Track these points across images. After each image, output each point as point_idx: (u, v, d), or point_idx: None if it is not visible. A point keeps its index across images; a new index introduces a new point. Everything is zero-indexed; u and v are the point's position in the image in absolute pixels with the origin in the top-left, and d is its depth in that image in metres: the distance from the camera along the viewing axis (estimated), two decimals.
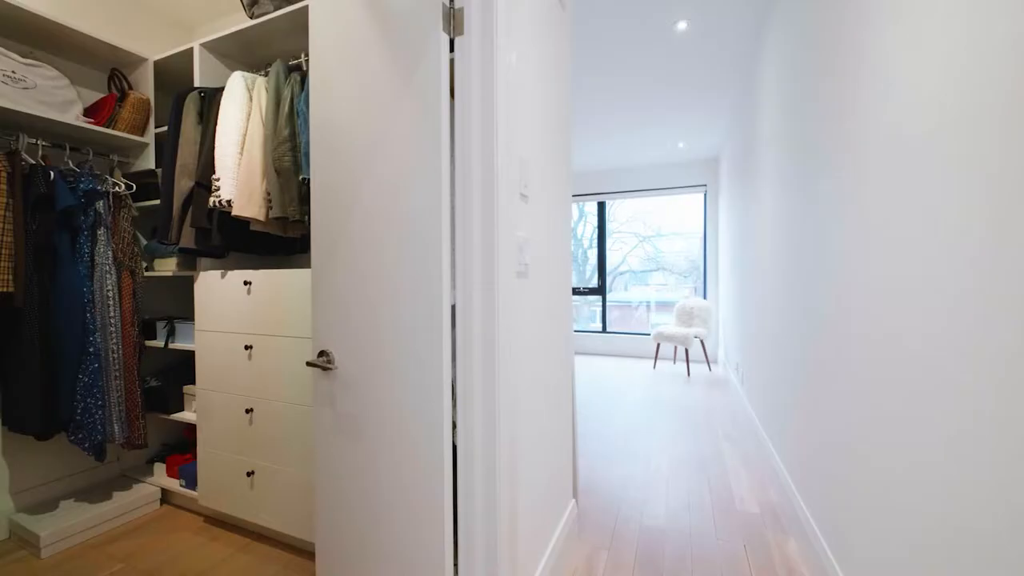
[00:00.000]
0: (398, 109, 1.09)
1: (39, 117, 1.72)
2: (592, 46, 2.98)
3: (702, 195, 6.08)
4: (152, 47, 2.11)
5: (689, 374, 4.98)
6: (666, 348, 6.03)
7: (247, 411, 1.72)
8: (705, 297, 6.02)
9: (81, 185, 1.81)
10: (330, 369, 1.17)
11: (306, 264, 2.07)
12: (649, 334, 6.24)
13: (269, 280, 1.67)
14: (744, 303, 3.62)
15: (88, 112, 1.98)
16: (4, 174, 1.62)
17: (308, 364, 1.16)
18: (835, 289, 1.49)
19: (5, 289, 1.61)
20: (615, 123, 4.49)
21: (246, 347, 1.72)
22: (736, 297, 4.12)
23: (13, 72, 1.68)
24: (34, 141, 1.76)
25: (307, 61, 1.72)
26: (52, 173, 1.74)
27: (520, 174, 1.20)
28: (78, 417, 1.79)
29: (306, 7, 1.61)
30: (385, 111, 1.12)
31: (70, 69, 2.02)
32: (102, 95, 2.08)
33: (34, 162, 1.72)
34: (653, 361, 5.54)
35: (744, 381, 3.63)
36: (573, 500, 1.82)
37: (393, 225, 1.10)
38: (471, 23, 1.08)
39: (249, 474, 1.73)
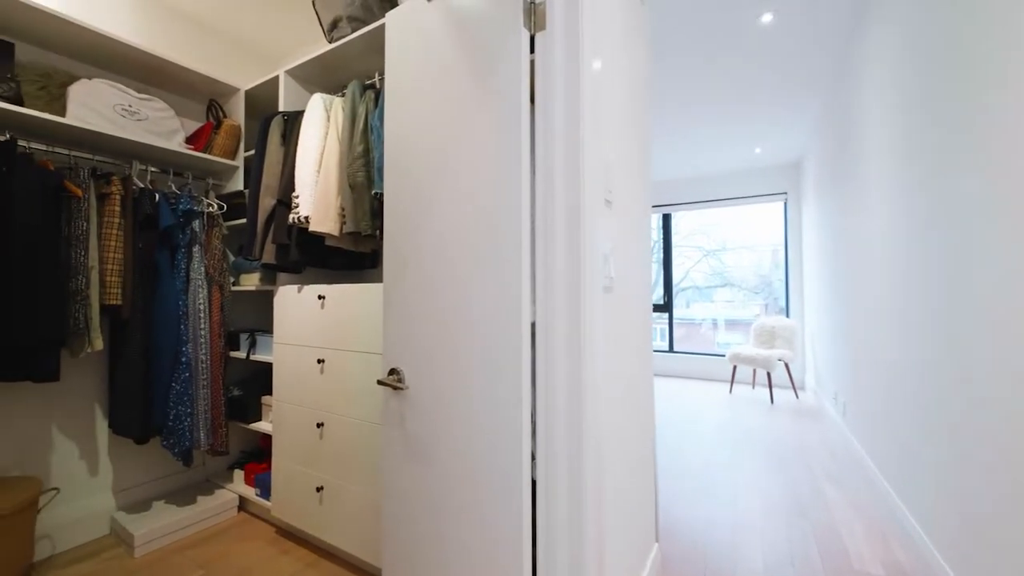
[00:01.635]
0: (474, 114, 1.03)
1: (149, 145, 1.89)
2: (662, 45, 2.82)
3: (781, 203, 5.58)
4: (244, 78, 2.28)
5: (772, 401, 4.48)
6: (743, 371, 5.52)
7: (318, 425, 1.73)
8: (787, 315, 5.46)
9: (180, 206, 1.96)
10: (400, 389, 1.11)
11: (376, 279, 2.08)
12: (720, 354, 5.76)
13: (342, 295, 1.68)
14: (844, 324, 3.19)
15: (189, 140, 2.16)
16: (118, 197, 1.78)
17: (379, 383, 1.11)
18: (995, 314, 1.20)
19: (115, 302, 1.76)
20: (684, 130, 4.26)
21: (318, 361, 1.73)
22: (831, 316, 3.65)
23: (130, 106, 1.86)
24: (144, 167, 1.94)
25: (381, 80, 1.74)
26: (157, 195, 1.90)
27: (605, 179, 1.09)
28: (170, 423, 1.89)
29: (381, 26, 1.64)
30: (461, 117, 1.06)
31: (174, 101, 2.22)
32: (200, 124, 2.26)
33: (143, 186, 1.89)
34: (729, 385, 5.07)
35: (846, 412, 3.17)
36: (656, 543, 1.62)
37: (467, 236, 1.03)
38: (553, 17, 1.00)
39: (318, 489, 1.72)
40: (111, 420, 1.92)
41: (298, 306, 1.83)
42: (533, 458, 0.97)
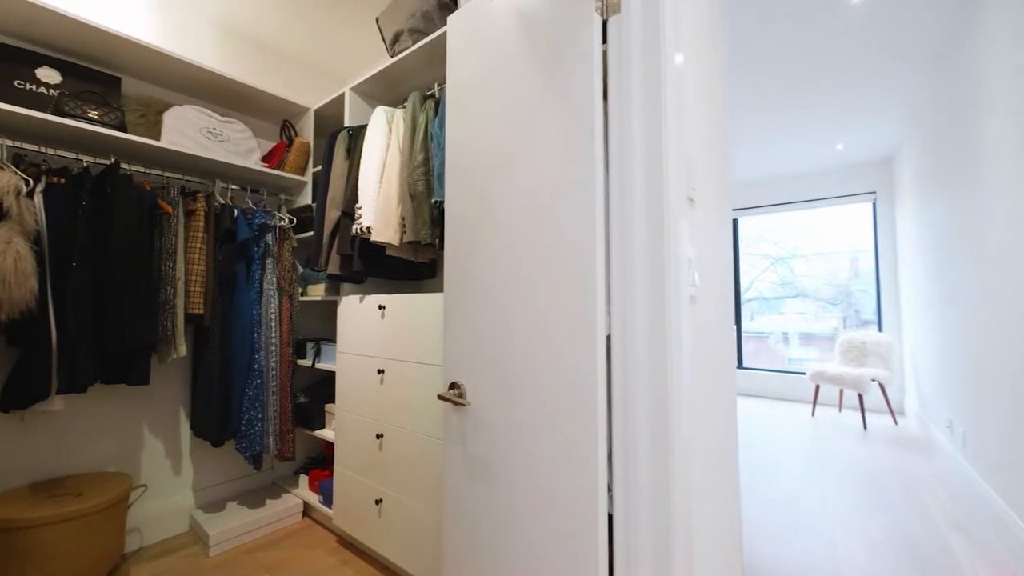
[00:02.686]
0: (540, 113, 0.96)
1: (230, 164, 2.02)
2: (734, 32, 2.62)
3: (868, 205, 5.01)
4: (313, 98, 2.40)
5: (865, 427, 3.96)
6: (827, 391, 4.95)
7: (377, 436, 1.72)
8: (880, 329, 4.85)
9: (256, 220, 2.07)
10: (462, 404, 1.04)
11: (435, 289, 2.07)
12: (797, 372, 5.22)
13: (402, 305, 1.67)
14: (961, 341, 2.74)
15: (264, 158, 2.30)
16: (202, 213, 1.90)
17: (440, 397, 1.05)
18: None
19: (197, 311, 1.87)
20: (755, 127, 3.95)
21: (379, 371, 1.73)
22: (942, 332, 3.17)
23: (214, 128, 2.01)
24: (225, 185, 2.07)
25: (440, 89, 1.74)
26: (236, 211, 2.01)
27: (688, 173, 0.97)
28: (243, 427, 1.98)
29: (441, 35, 1.64)
30: (525, 117, 0.99)
31: (251, 122, 2.38)
32: (275, 143, 2.40)
33: (224, 202, 2.01)
34: (811, 407, 4.57)
35: (966, 444, 2.70)
36: None
37: (534, 242, 0.95)
38: None
39: (377, 502, 1.70)
40: (192, 422, 2.04)
41: (359, 316, 1.85)
42: (609, 490, 0.86)
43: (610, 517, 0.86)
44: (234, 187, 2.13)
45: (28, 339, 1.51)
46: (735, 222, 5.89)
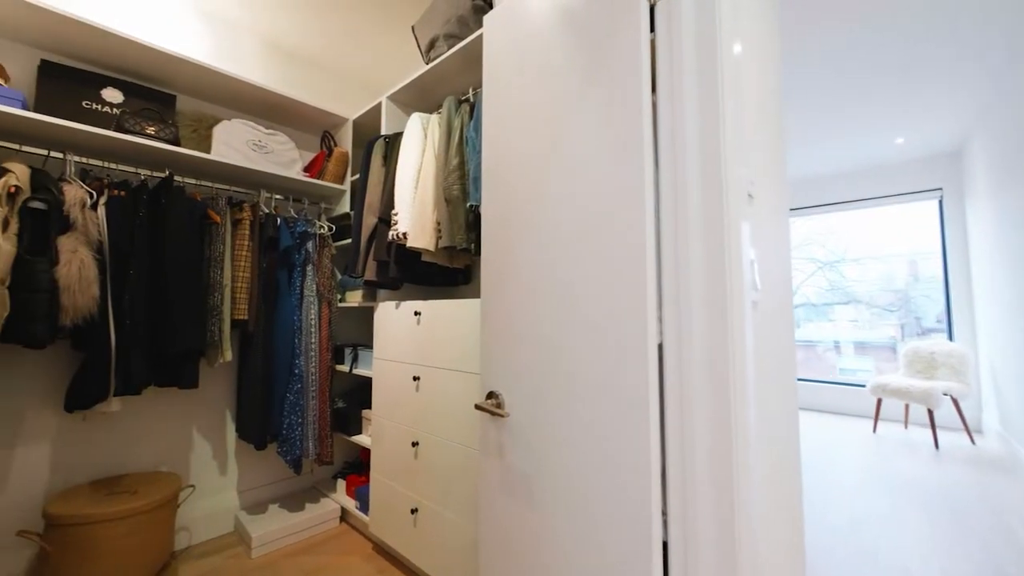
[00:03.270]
0: (581, 108, 0.91)
1: (274, 175, 2.08)
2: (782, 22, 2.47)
3: (934, 203, 4.61)
4: (352, 108, 2.45)
5: (937, 446, 3.60)
6: (890, 406, 4.56)
7: (413, 444, 1.70)
8: (950, 338, 4.42)
9: (297, 228, 2.13)
10: (500, 415, 0.99)
11: (469, 296, 2.04)
12: (855, 384, 4.84)
13: (437, 311, 1.65)
14: None
15: (305, 168, 2.36)
16: (248, 222, 1.97)
17: (477, 407, 1.01)
18: None
19: (242, 317, 1.92)
20: (801, 122, 3.72)
21: (414, 378, 1.71)
22: None
23: (259, 141, 2.08)
24: (269, 195, 2.14)
25: (475, 93, 1.72)
26: (279, 219, 2.07)
27: (747, 166, 0.89)
28: (284, 431, 2.01)
29: (477, 38, 1.62)
30: (566, 113, 0.94)
31: (293, 134, 2.45)
32: (315, 153, 2.47)
33: (268, 211, 2.08)
34: (872, 422, 4.22)
35: None
36: None
37: (577, 244, 0.89)
38: None
39: (413, 511, 1.67)
40: (237, 425, 2.10)
41: (395, 322, 1.84)
42: (664, 515, 0.78)
43: (665, 545, 0.78)
44: (278, 197, 2.20)
45: (89, 343, 1.60)
46: None
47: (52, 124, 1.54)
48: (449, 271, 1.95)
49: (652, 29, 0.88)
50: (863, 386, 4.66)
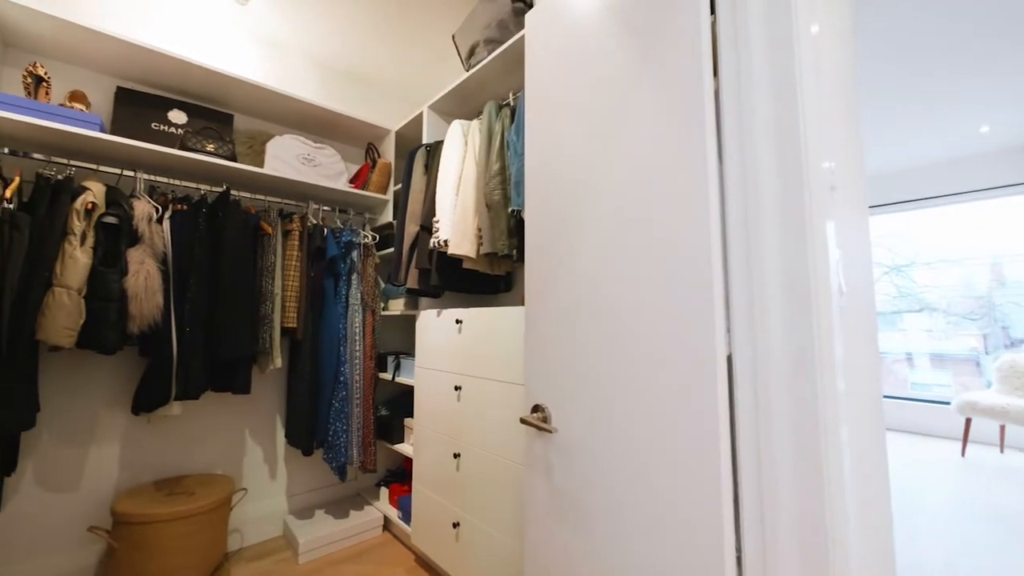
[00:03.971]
0: (633, 100, 0.84)
1: (322, 187, 2.15)
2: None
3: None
4: (394, 120, 2.50)
5: None
6: (982, 426, 4.04)
7: (455, 455, 1.66)
8: None
9: (343, 238, 2.17)
10: (546, 431, 0.93)
11: (511, 303, 2.00)
12: (938, 401, 4.35)
13: (479, 319, 1.61)
14: None
15: (351, 179, 2.42)
16: (297, 232, 2.03)
17: (522, 421, 0.95)
18: None
19: (291, 325, 1.98)
20: (876, 111, 3.42)
21: (455, 388, 1.68)
22: None
23: (308, 155, 2.15)
24: (316, 206, 2.21)
25: (516, 97, 1.69)
26: (325, 230, 2.13)
27: (829, 153, 0.78)
28: (329, 438, 2.04)
29: (517, 41, 1.59)
30: (614, 107, 0.88)
31: (340, 147, 2.52)
32: (359, 165, 2.53)
33: (315, 222, 2.14)
34: (960, 444, 3.76)
35: None
36: None
37: (629, 246, 0.82)
38: None
39: (455, 525, 1.63)
40: (287, 430, 2.16)
41: (437, 330, 1.83)
42: (739, 560, 0.69)
43: None
44: (325, 208, 2.27)
45: (154, 350, 1.69)
46: None
47: (125, 145, 1.66)
48: (490, 278, 1.91)
49: (712, 11, 0.80)
50: (945, 403, 4.17)
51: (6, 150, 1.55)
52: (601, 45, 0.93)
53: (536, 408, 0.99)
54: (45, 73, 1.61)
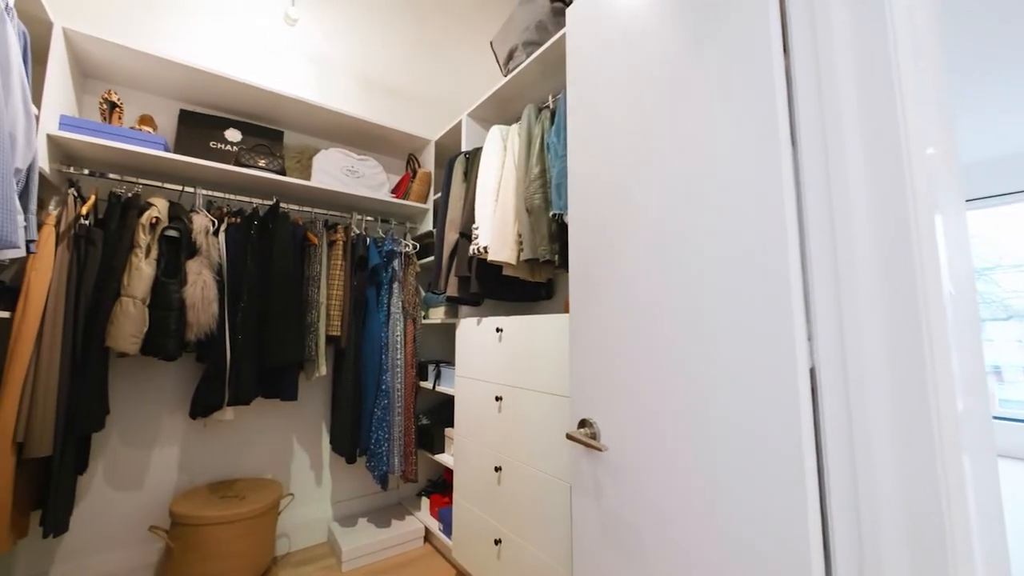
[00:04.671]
0: (687, 86, 0.77)
1: (365, 198, 2.19)
2: None
3: None
4: (434, 130, 2.52)
5: None
6: None
7: (496, 469, 1.60)
8: None
9: (385, 247, 2.20)
10: (595, 448, 0.85)
11: (552, 311, 1.93)
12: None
13: (520, 327, 1.56)
14: None
15: (392, 190, 2.46)
16: (341, 243, 2.08)
17: (568, 437, 0.88)
18: None
19: (336, 333, 2.01)
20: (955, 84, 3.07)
21: (496, 398, 1.63)
22: None
23: (352, 167, 2.21)
24: (360, 217, 2.25)
25: (555, 100, 1.64)
26: (368, 239, 2.16)
27: (934, 154, 0.67)
28: (372, 446, 2.05)
29: (556, 41, 1.55)
30: (667, 96, 0.81)
31: (382, 158, 2.58)
32: (400, 175, 2.57)
33: (359, 232, 2.18)
34: None
35: None
36: None
37: (687, 247, 0.74)
38: None
39: (496, 542, 1.57)
40: (331, 437, 2.19)
41: (477, 339, 1.79)
42: None
43: None
44: (368, 218, 2.31)
45: (209, 356, 1.76)
46: None
47: (187, 163, 1.76)
48: (531, 286, 1.86)
49: None
50: None
51: (86, 171, 1.68)
52: (649, 28, 0.86)
53: (583, 423, 0.91)
54: (118, 99, 1.74)
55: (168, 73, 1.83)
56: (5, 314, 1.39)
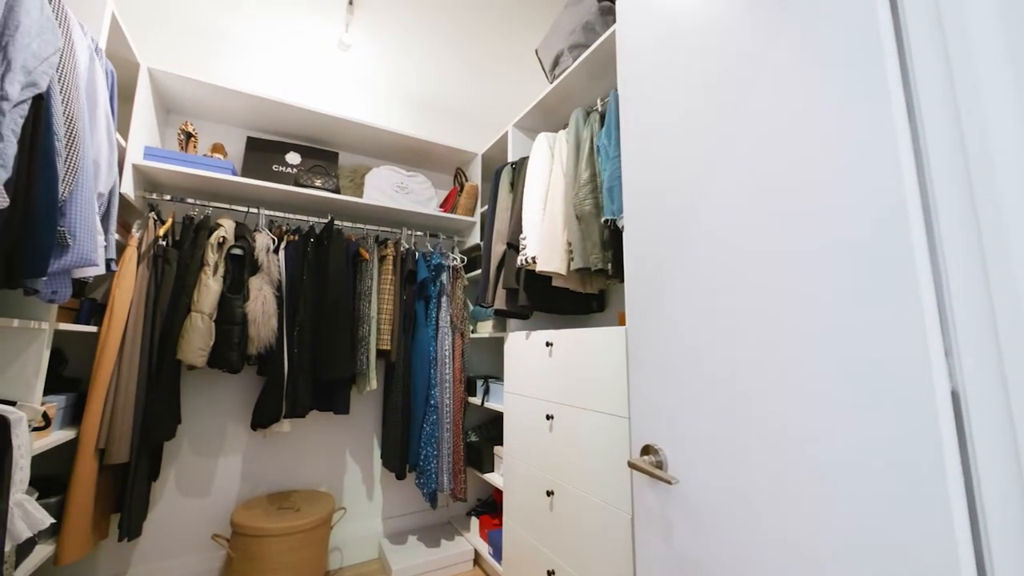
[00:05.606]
0: (766, 56, 0.66)
1: (414, 212, 2.22)
2: None
3: None
4: (480, 143, 2.53)
5: None
6: None
7: (548, 493, 1.50)
8: None
9: (433, 261, 2.20)
10: (662, 480, 0.74)
11: (605, 324, 1.82)
12: None
13: (571, 341, 1.47)
14: None
15: (440, 205, 2.48)
16: (391, 257, 2.10)
17: (631, 466, 0.78)
18: None
19: (386, 347, 2.02)
20: None
21: (547, 417, 1.53)
22: None
23: (402, 183, 2.25)
24: (409, 232, 2.28)
25: (604, 103, 1.56)
26: (417, 253, 2.18)
27: None
28: (421, 462, 2.02)
29: (606, 40, 1.48)
30: (740, 71, 0.71)
31: (430, 174, 2.61)
32: (448, 190, 2.58)
33: (408, 247, 2.20)
34: None
35: None
36: None
37: (776, 240, 0.63)
38: None
39: (550, 573, 1.45)
40: (382, 452, 2.19)
41: (526, 353, 1.72)
42: None
43: None
44: (417, 233, 2.33)
45: (269, 370, 1.82)
46: None
47: (252, 185, 1.87)
48: (582, 297, 1.76)
49: None
50: None
51: (167, 197, 1.83)
52: (714, 7, 0.77)
53: (647, 450, 0.80)
54: (193, 129, 1.89)
55: (237, 103, 1.97)
56: (93, 329, 1.52)
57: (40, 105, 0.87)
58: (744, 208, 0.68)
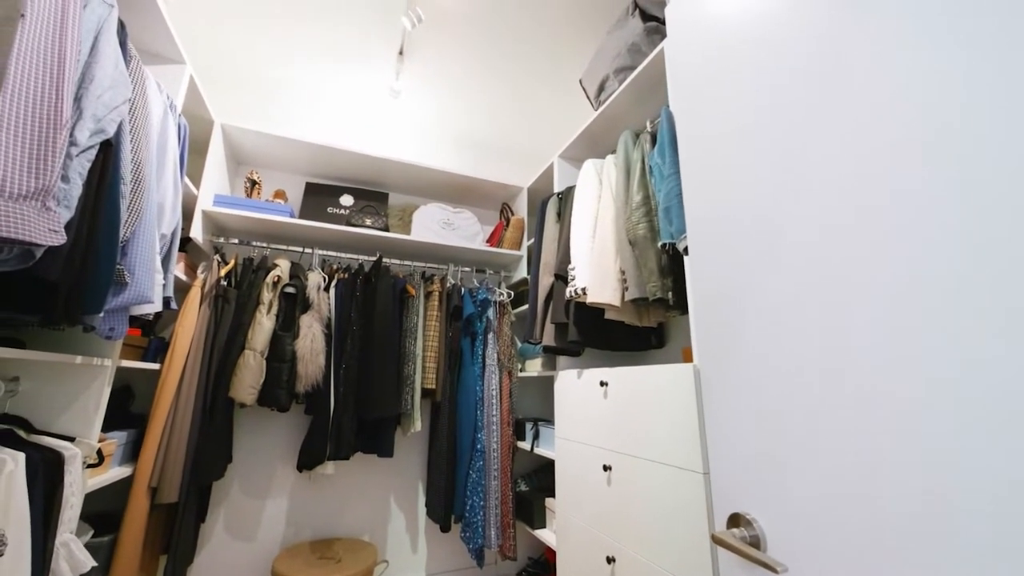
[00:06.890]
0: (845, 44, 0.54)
1: (460, 248, 2.20)
2: None
3: None
4: (526, 177, 2.50)
5: None
6: None
7: (608, 560, 1.29)
8: None
9: (479, 296, 2.14)
10: (765, 566, 0.57)
11: (664, 362, 1.63)
12: None
13: (628, 380, 1.31)
14: None
15: (487, 240, 2.45)
16: (437, 294, 2.07)
17: (715, 541, 0.61)
18: None
19: (431, 387, 1.95)
20: None
21: (604, 468, 1.35)
22: None
23: (448, 220, 2.25)
24: (456, 267, 2.25)
25: (654, 124, 1.47)
26: (463, 289, 2.13)
27: None
28: (466, 514, 1.87)
29: (654, 59, 1.41)
30: (825, 54, 0.59)
31: (476, 210, 2.60)
32: (493, 225, 2.56)
33: (454, 282, 2.17)
34: None
35: None
36: None
37: (889, 247, 0.48)
38: None
39: None
40: (426, 500, 2.07)
41: (578, 394, 1.56)
42: None
43: None
44: (464, 269, 2.30)
45: (315, 409, 1.80)
46: None
47: (309, 227, 1.94)
48: (639, 332, 1.60)
49: None
50: None
51: (235, 240, 1.93)
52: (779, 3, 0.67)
53: (736, 520, 0.63)
54: (258, 177, 2.02)
55: (297, 151, 2.10)
56: (156, 366, 1.58)
57: (109, 151, 0.93)
58: (839, 201, 0.54)
